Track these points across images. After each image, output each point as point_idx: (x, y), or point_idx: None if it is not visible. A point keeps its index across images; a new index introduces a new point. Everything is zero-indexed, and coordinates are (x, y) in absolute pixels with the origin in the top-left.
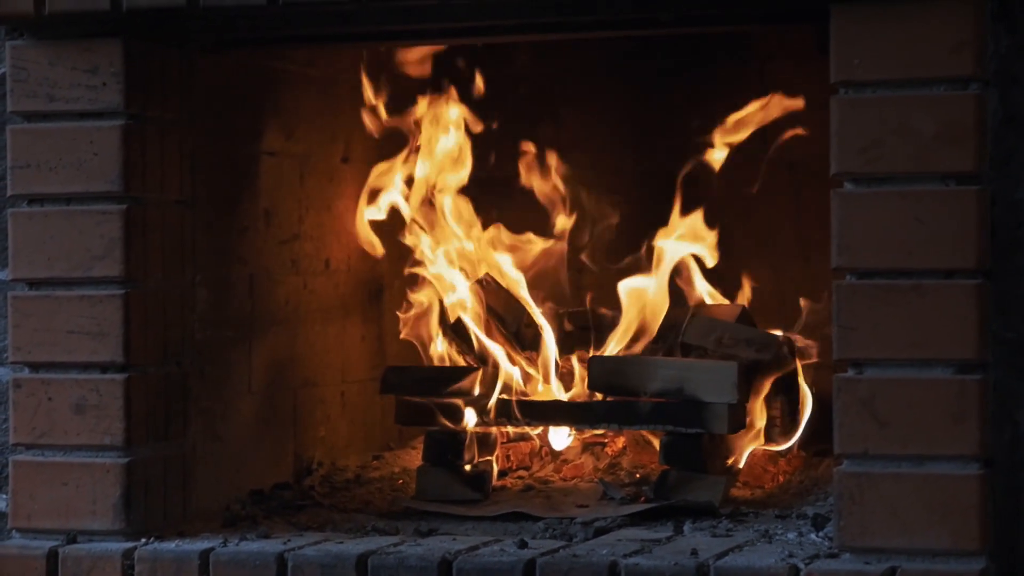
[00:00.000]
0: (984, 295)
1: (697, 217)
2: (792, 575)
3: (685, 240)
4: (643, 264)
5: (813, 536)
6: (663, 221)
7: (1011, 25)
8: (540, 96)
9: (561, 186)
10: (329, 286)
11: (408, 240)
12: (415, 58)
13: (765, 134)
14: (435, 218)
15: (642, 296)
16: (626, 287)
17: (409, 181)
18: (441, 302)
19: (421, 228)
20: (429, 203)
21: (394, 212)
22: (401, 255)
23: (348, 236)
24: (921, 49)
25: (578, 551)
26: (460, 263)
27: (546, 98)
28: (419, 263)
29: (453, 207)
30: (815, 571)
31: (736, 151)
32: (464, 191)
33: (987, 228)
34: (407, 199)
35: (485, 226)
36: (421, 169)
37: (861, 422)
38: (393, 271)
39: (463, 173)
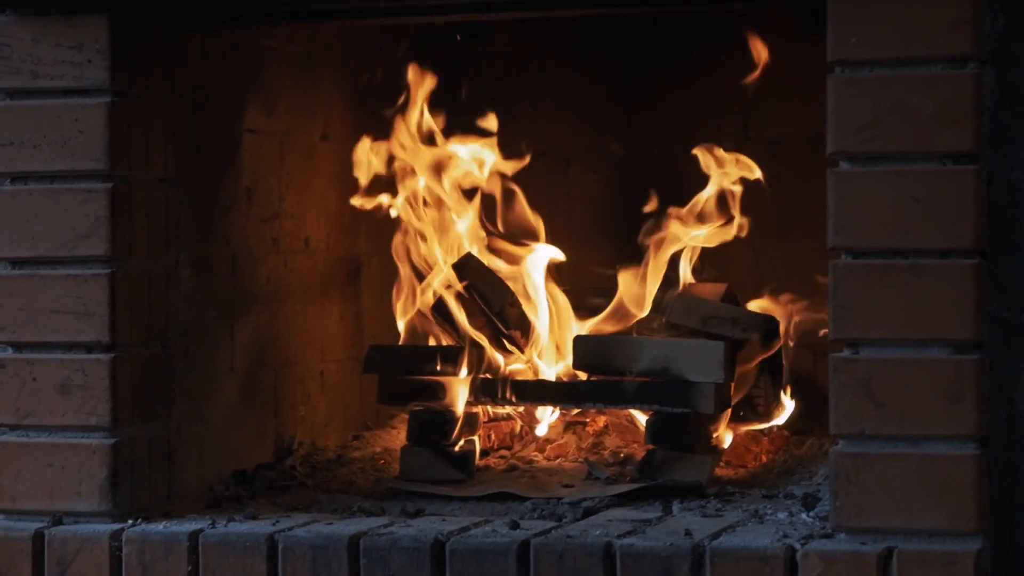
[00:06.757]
0: (981, 275)
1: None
2: (789, 556)
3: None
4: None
5: (804, 516)
6: (642, 199)
7: (1008, 4)
8: (518, 74)
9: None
10: (308, 265)
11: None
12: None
13: (746, 112)
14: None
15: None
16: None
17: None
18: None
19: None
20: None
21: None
22: (379, 233)
23: (327, 214)
24: (918, 28)
25: (571, 532)
26: (443, 243)
27: (524, 76)
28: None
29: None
30: (811, 551)
31: (717, 129)
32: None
33: (984, 207)
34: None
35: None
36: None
37: (857, 402)
38: (371, 250)
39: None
